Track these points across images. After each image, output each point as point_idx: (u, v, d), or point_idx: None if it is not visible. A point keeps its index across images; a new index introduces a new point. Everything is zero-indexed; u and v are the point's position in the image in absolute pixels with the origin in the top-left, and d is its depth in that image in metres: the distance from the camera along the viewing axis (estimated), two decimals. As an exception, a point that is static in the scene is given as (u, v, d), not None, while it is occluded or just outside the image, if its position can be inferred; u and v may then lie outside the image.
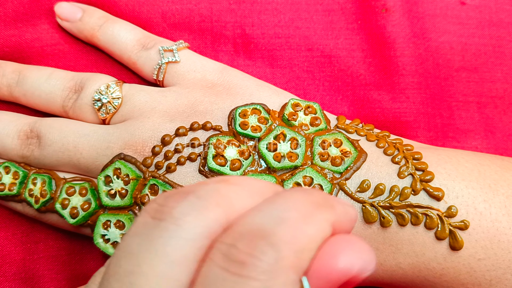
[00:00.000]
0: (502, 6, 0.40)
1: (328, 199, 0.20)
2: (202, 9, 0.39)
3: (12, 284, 0.36)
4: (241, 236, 0.18)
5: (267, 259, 0.18)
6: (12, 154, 0.35)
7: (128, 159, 0.32)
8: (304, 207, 0.19)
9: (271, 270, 0.17)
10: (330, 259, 0.19)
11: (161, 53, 0.35)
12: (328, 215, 0.20)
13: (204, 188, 0.20)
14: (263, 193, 0.21)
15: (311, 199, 0.20)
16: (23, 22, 0.39)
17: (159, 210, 0.20)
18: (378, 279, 0.31)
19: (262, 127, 0.32)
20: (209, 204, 0.19)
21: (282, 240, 0.18)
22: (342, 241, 0.19)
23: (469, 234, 0.29)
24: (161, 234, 0.19)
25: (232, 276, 0.17)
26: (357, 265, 0.19)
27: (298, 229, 0.18)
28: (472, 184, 0.30)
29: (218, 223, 0.19)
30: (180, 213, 0.19)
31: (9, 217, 0.37)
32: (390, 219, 0.30)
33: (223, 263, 0.18)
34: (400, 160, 0.31)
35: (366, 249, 0.19)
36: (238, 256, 0.18)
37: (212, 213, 0.19)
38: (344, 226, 0.20)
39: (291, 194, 0.20)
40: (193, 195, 0.20)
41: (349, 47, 0.39)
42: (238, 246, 0.18)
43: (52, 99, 0.35)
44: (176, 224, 0.19)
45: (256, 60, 0.39)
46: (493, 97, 0.40)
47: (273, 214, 0.19)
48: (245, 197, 0.20)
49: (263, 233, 0.18)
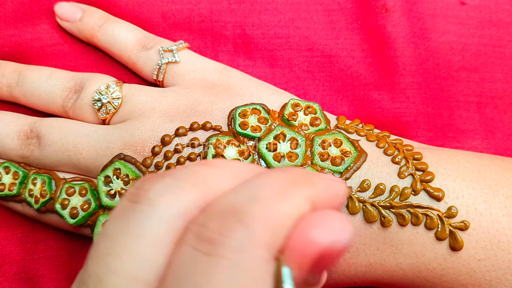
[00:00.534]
0: (502, 6, 0.40)
1: (307, 175, 0.20)
2: (202, 9, 0.39)
3: (12, 284, 0.36)
4: (212, 215, 0.18)
5: (237, 237, 0.17)
6: (12, 154, 0.35)
7: (128, 159, 0.32)
8: (278, 184, 0.19)
9: (241, 248, 0.17)
10: (304, 233, 0.18)
11: (161, 54, 0.35)
12: (306, 191, 0.19)
13: (181, 170, 0.20)
14: (243, 174, 0.20)
15: (287, 176, 0.19)
16: (23, 22, 0.39)
17: (136, 193, 0.20)
18: (379, 279, 0.31)
19: (262, 127, 0.32)
20: (184, 185, 0.19)
21: (253, 217, 0.18)
22: (317, 215, 0.19)
23: (469, 234, 0.29)
24: (137, 215, 0.19)
25: (202, 256, 0.17)
26: (328, 236, 0.18)
27: (271, 206, 0.18)
28: (472, 185, 0.30)
29: (194, 204, 0.19)
30: (155, 195, 0.19)
31: (9, 217, 0.37)
32: (391, 219, 0.30)
33: (194, 243, 0.18)
34: (400, 160, 0.31)
35: (340, 220, 0.19)
36: (208, 235, 0.18)
37: (187, 194, 0.19)
38: (327, 202, 0.20)
39: (268, 173, 0.20)
40: (169, 177, 0.20)
41: (349, 47, 0.39)
42: (209, 225, 0.18)
43: (52, 99, 0.35)
44: (150, 206, 0.19)
45: (256, 60, 0.39)
46: (493, 97, 0.40)
47: (246, 193, 0.19)
48: (224, 179, 0.20)
49: (234, 212, 0.18)
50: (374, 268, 0.31)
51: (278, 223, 0.18)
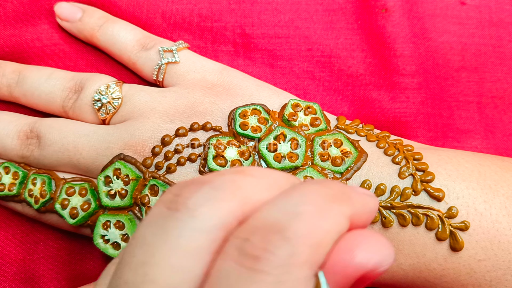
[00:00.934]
0: (502, 6, 0.40)
1: (346, 190, 0.20)
2: (202, 9, 0.39)
3: (12, 284, 0.36)
4: (255, 230, 0.18)
5: (281, 254, 0.17)
6: (12, 154, 0.35)
7: (128, 159, 0.32)
8: (320, 200, 0.19)
9: (284, 265, 0.17)
10: (347, 253, 0.18)
11: (161, 54, 0.35)
12: (345, 208, 0.19)
13: (220, 178, 0.20)
14: (280, 185, 0.20)
15: (327, 191, 0.19)
16: (23, 22, 0.39)
17: (174, 200, 0.19)
18: (380, 279, 0.31)
19: (262, 128, 0.32)
20: (224, 195, 0.19)
21: (297, 234, 0.18)
22: (359, 235, 0.19)
23: (470, 235, 0.29)
24: (176, 224, 0.19)
25: (246, 271, 0.17)
26: (373, 259, 0.18)
27: (314, 224, 0.18)
28: (472, 185, 0.30)
29: (233, 215, 0.19)
30: (195, 204, 0.19)
31: (9, 217, 0.37)
32: (392, 219, 0.30)
33: (237, 257, 0.18)
34: (401, 161, 0.31)
35: (384, 243, 0.19)
36: (251, 251, 0.17)
37: (227, 205, 0.19)
38: (362, 218, 0.20)
39: (307, 187, 0.19)
40: (208, 186, 0.19)
41: (349, 47, 0.39)
42: (252, 240, 0.18)
43: (52, 99, 0.35)
44: (190, 215, 0.19)
45: (256, 60, 0.39)
46: (493, 97, 0.40)
47: (288, 208, 0.19)
48: (261, 189, 0.20)
49: (278, 228, 0.18)
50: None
51: (320, 241, 0.18)
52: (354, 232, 0.19)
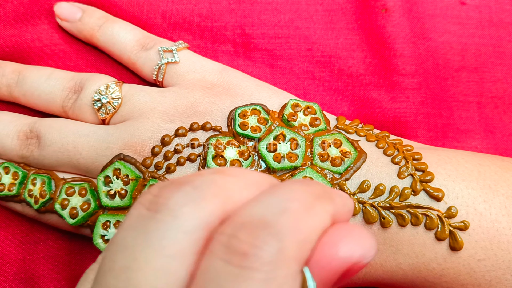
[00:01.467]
0: (502, 6, 0.40)
1: (327, 190, 0.20)
2: (202, 9, 0.39)
3: (12, 284, 0.36)
4: (242, 226, 0.18)
5: (270, 250, 0.17)
6: (12, 155, 0.35)
7: (127, 159, 0.32)
8: (305, 198, 0.19)
9: (274, 261, 0.17)
10: (331, 248, 0.19)
11: (161, 54, 0.35)
12: (328, 206, 0.20)
13: (200, 178, 0.19)
14: (260, 184, 0.20)
15: (311, 190, 0.20)
16: (23, 22, 0.39)
17: (154, 201, 0.19)
18: (379, 279, 0.31)
19: (261, 128, 0.32)
20: (206, 195, 0.19)
21: (285, 230, 0.18)
22: (341, 230, 0.19)
23: (469, 234, 0.29)
24: (157, 226, 0.18)
25: (234, 268, 0.17)
26: (357, 252, 0.19)
27: (301, 220, 0.18)
28: (472, 185, 0.30)
29: (216, 214, 0.19)
30: (176, 204, 0.18)
31: (9, 217, 0.37)
32: (391, 219, 0.30)
33: (224, 254, 0.17)
34: (400, 161, 0.31)
35: (366, 236, 0.19)
36: (239, 247, 0.17)
37: (209, 204, 0.19)
38: (342, 217, 0.20)
39: (291, 185, 0.20)
40: (189, 186, 0.19)
41: (349, 47, 0.39)
42: (240, 236, 0.18)
43: (52, 99, 0.35)
44: (172, 216, 0.18)
45: (256, 60, 0.39)
46: (493, 97, 0.40)
47: (274, 204, 0.19)
48: (241, 188, 0.20)
49: (265, 223, 0.18)
50: (375, 268, 0.31)
51: (307, 236, 0.18)
52: (336, 226, 0.19)
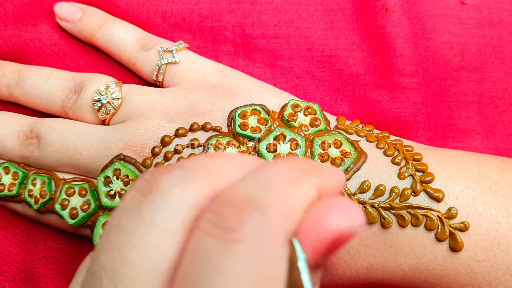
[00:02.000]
0: (502, 6, 0.40)
1: (313, 164, 0.21)
2: (202, 9, 0.39)
3: (12, 284, 0.36)
4: (228, 203, 0.19)
5: (254, 223, 0.18)
6: (12, 155, 0.35)
7: (127, 159, 0.32)
8: (289, 173, 0.20)
9: (258, 233, 0.18)
10: (319, 219, 0.19)
11: (161, 54, 0.35)
12: (314, 179, 0.20)
13: (190, 162, 0.20)
14: (249, 165, 0.21)
15: (296, 165, 0.20)
16: (23, 22, 0.39)
17: (146, 185, 0.20)
18: (379, 280, 0.31)
19: (261, 128, 0.32)
20: (195, 176, 0.20)
21: (269, 204, 0.18)
22: (330, 201, 0.20)
23: (469, 235, 0.29)
24: (149, 207, 0.19)
25: (221, 241, 0.18)
26: (345, 222, 0.19)
27: (284, 194, 0.19)
28: (472, 185, 0.30)
29: (205, 194, 0.19)
30: (167, 185, 0.19)
31: (9, 217, 0.37)
32: (391, 220, 0.30)
33: (211, 229, 0.18)
34: (400, 161, 0.31)
35: (354, 206, 0.20)
36: (225, 222, 0.18)
37: (199, 184, 0.19)
38: (331, 189, 0.21)
39: (277, 163, 0.20)
40: (179, 169, 0.20)
41: (349, 47, 0.39)
42: (225, 213, 0.18)
43: (52, 99, 0.35)
44: (163, 196, 0.19)
45: (256, 60, 0.39)
46: (493, 97, 0.40)
47: (259, 181, 0.19)
48: (231, 170, 0.21)
49: (250, 199, 0.18)
50: (375, 269, 0.31)
51: (291, 209, 0.19)
52: (325, 198, 0.20)
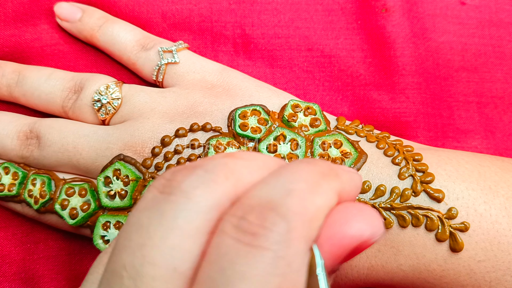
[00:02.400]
0: (502, 6, 0.40)
1: (333, 168, 0.21)
2: (202, 9, 0.39)
3: (12, 284, 0.36)
4: (251, 208, 0.19)
5: (278, 230, 0.18)
6: (12, 155, 0.35)
7: (127, 160, 0.32)
8: (310, 177, 0.20)
9: (282, 240, 0.18)
10: (342, 225, 0.19)
11: (161, 54, 0.35)
12: (334, 183, 0.20)
13: (211, 162, 0.20)
14: (269, 166, 0.21)
15: (316, 169, 0.20)
16: (23, 22, 0.39)
17: (168, 184, 0.20)
18: (380, 281, 0.31)
19: (262, 128, 0.32)
20: (217, 177, 0.20)
21: (292, 210, 0.18)
22: (352, 208, 0.20)
23: (469, 235, 0.29)
24: (171, 207, 0.19)
25: (245, 247, 0.18)
26: (367, 230, 0.19)
27: (306, 200, 0.19)
28: (472, 186, 0.30)
29: (227, 195, 0.19)
30: (189, 186, 0.19)
31: (9, 217, 0.37)
32: (392, 220, 0.30)
33: (235, 233, 0.18)
34: (401, 162, 0.31)
35: (375, 215, 0.20)
36: (249, 228, 0.18)
37: (221, 186, 0.19)
38: (350, 193, 0.21)
39: (297, 165, 0.20)
40: (201, 169, 0.20)
41: (349, 47, 0.39)
42: (249, 218, 0.18)
43: (52, 99, 0.35)
44: (186, 197, 0.19)
45: (256, 60, 0.39)
46: (493, 97, 0.40)
47: (281, 186, 0.19)
48: (252, 171, 0.20)
49: (272, 205, 0.18)
50: (376, 270, 0.31)
51: (313, 216, 0.19)
52: (347, 204, 0.20)
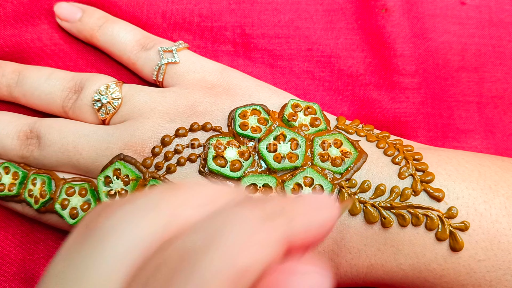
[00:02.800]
0: (502, 6, 0.40)
1: (286, 209, 0.18)
2: (202, 9, 0.39)
3: (12, 284, 0.36)
4: (168, 258, 0.16)
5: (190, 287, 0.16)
6: (12, 155, 0.35)
7: (128, 159, 0.32)
8: (247, 225, 0.17)
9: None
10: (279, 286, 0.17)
11: (161, 54, 0.35)
12: (278, 231, 0.17)
13: (145, 197, 0.18)
14: (214, 202, 0.19)
15: (259, 214, 0.17)
16: (23, 22, 0.39)
17: (94, 220, 0.18)
18: (379, 280, 0.31)
19: (262, 128, 0.32)
20: (145, 214, 0.18)
21: (210, 266, 0.16)
22: (293, 268, 0.17)
23: (469, 235, 0.29)
24: (87, 251, 0.17)
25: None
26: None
27: (232, 253, 0.16)
28: (472, 185, 0.30)
29: (153, 236, 0.17)
30: (108, 227, 0.17)
31: (9, 217, 0.37)
32: (391, 219, 0.30)
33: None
34: (401, 161, 0.31)
35: (318, 275, 0.17)
36: (157, 284, 0.16)
37: (147, 225, 0.17)
38: (306, 239, 0.18)
39: (235, 210, 0.18)
40: (130, 205, 0.18)
41: (349, 47, 0.39)
42: (162, 270, 0.16)
43: (52, 99, 0.35)
44: (100, 240, 0.17)
45: (256, 60, 0.39)
46: (493, 97, 0.40)
47: (207, 233, 0.17)
48: (192, 206, 0.18)
49: (189, 257, 0.16)
50: (375, 269, 0.31)
51: (239, 273, 0.16)
52: (290, 267, 0.17)
